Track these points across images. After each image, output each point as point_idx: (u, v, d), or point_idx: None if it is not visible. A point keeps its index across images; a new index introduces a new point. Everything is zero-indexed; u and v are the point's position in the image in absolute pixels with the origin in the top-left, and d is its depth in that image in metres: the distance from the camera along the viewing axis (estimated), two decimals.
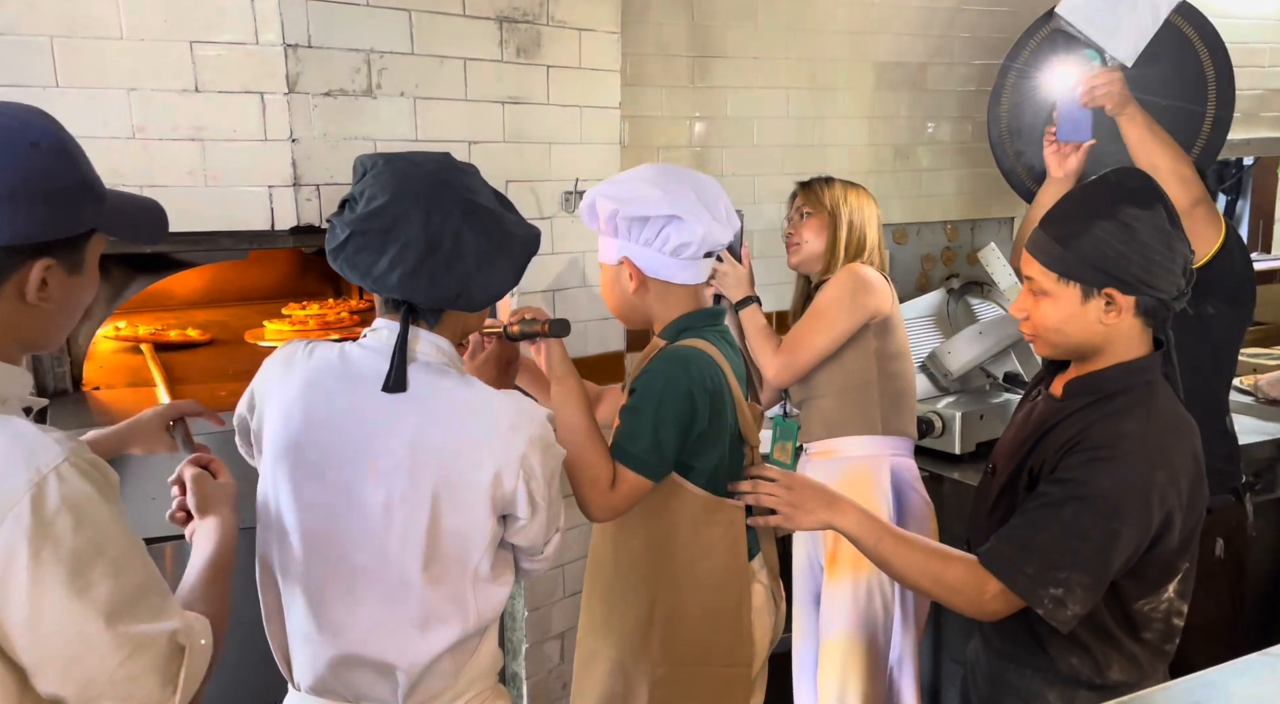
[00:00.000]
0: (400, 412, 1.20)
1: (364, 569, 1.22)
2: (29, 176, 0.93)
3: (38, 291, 0.95)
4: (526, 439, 1.20)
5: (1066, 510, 1.29)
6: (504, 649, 2.58)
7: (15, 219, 0.92)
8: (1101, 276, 1.32)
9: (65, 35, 1.72)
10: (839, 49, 3.14)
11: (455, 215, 1.17)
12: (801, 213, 2.29)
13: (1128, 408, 1.35)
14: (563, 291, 2.45)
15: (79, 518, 0.89)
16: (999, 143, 2.96)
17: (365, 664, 1.24)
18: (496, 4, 2.18)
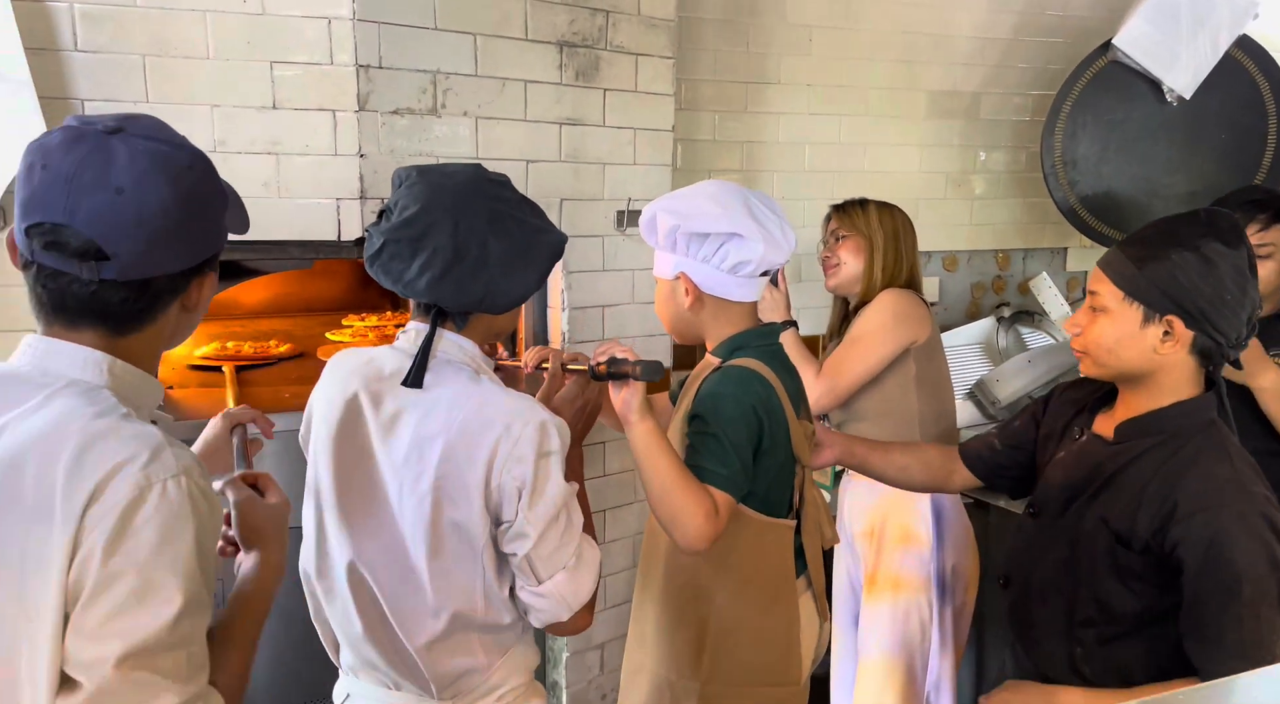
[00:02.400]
0: (413, 407, 1.25)
1: (385, 560, 1.27)
2: (196, 201, 0.96)
3: (198, 302, 1.01)
4: (520, 439, 1.21)
5: (1242, 595, 1.25)
6: (545, 658, 2.62)
7: (191, 245, 0.97)
8: (1168, 303, 1.31)
9: (156, 54, 1.84)
10: (891, 77, 3.17)
11: (481, 224, 1.23)
12: (837, 235, 2.29)
13: (1202, 455, 1.32)
14: (613, 307, 2.51)
15: (163, 538, 0.88)
16: (1052, 173, 2.96)
17: (396, 652, 1.29)
18: (558, 29, 2.27)
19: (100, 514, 0.87)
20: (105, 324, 0.96)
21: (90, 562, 0.86)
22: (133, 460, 0.88)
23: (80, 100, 1.81)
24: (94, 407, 0.92)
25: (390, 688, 1.32)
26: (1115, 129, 2.89)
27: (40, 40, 1.76)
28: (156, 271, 0.94)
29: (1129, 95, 2.86)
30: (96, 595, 0.87)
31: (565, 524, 1.24)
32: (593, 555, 1.29)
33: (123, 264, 0.92)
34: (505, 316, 1.35)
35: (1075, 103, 2.89)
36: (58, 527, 0.87)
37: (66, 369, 0.95)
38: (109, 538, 0.86)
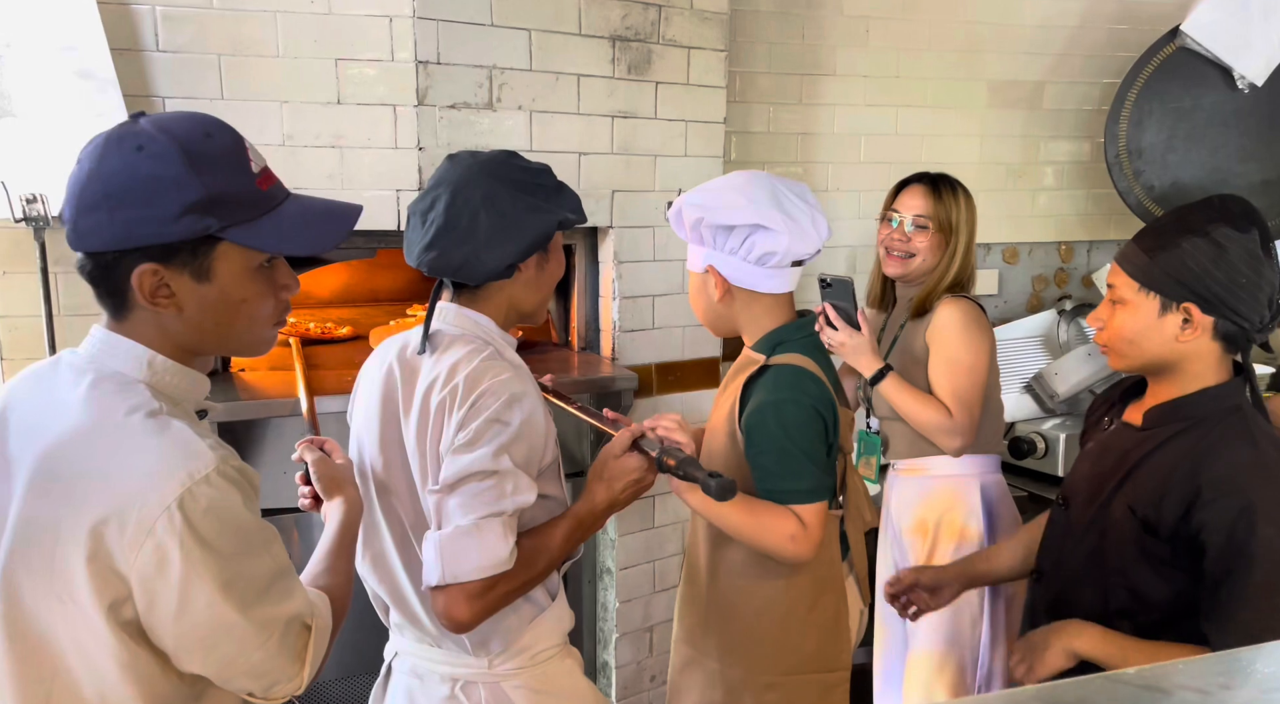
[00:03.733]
0: (430, 377, 1.33)
1: (419, 521, 1.35)
2: (130, 177, 0.95)
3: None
4: (486, 404, 1.26)
5: (1257, 575, 1.25)
6: (595, 639, 2.68)
7: (126, 223, 0.95)
8: (1182, 291, 1.31)
9: (230, 54, 1.96)
10: (951, 68, 3.14)
11: (476, 198, 1.30)
12: (919, 222, 2.10)
13: (1228, 438, 1.31)
14: (663, 297, 2.56)
15: (223, 521, 0.93)
16: (1116, 163, 2.90)
17: (430, 606, 1.36)
18: (611, 24, 2.32)
19: (143, 523, 0.90)
20: (102, 303, 1.01)
21: (166, 568, 0.91)
22: (170, 466, 0.93)
23: (161, 98, 1.93)
24: (126, 402, 0.96)
25: (432, 645, 1.39)
26: (1183, 117, 2.81)
27: (125, 41, 1.88)
28: (86, 246, 0.97)
29: (1198, 82, 2.78)
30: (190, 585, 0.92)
31: (482, 489, 1.24)
32: (497, 547, 1.24)
33: (68, 233, 0.97)
34: (527, 295, 1.39)
35: (1141, 91, 2.82)
36: (78, 535, 0.91)
37: (110, 360, 0.99)
38: (181, 546, 0.91)
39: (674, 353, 2.59)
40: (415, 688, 1.41)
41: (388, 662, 1.49)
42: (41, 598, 0.93)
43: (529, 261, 1.36)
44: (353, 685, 2.28)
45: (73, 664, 0.94)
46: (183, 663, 0.96)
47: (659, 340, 2.56)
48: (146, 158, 0.95)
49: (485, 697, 1.36)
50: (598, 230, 2.49)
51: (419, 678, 1.41)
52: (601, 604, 2.65)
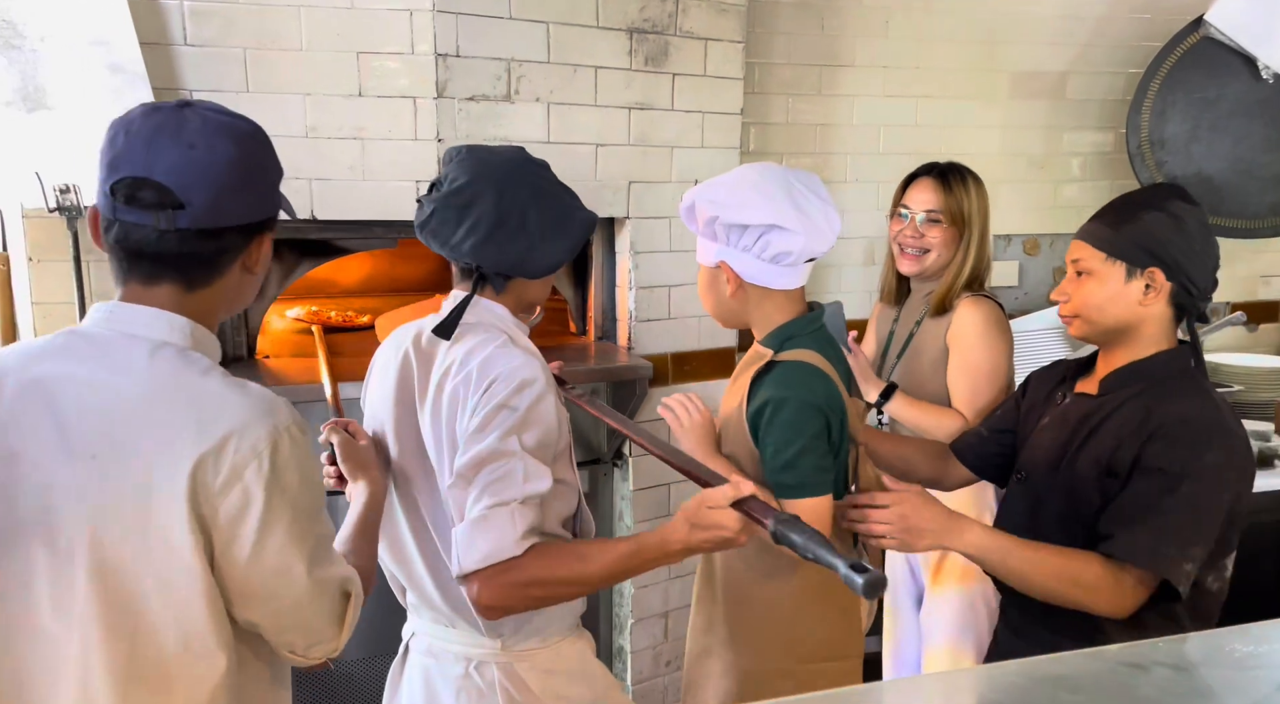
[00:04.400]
0: (446, 363, 1.36)
1: (434, 504, 1.39)
2: (255, 162, 1.07)
3: (258, 264, 1.10)
4: (498, 391, 1.29)
5: (1183, 491, 1.35)
6: (611, 623, 2.72)
7: (254, 200, 1.06)
8: (1147, 257, 1.42)
9: (255, 48, 2.00)
10: (971, 59, 3.13)
11: (524, 195, 1.34)
12: (932, 215, 2.05)
13: (1184, 391, 1.42)
14: (679, 287, 2.58)
15: (303, 473, 1.02)
16: (1138, 154, 2.88)
17: (450, 591, 1.40)
18: (628, 16, 2.34)
19: (236, 467, 0.98)
20: (179, 276, 1.05)
21: (248, 510, 0.99)
22: (257, 417, 1.00)
23: (188, 90, 1.98)
24: (196, 366, 1.03)
25: (447, 625, 1.43)
26: (1207, 108, 2.79)
27: (154, 35, 1.93)
28: (225, 222, 1.04)
29: (1222, 72, 2.75)
30: (266, 530, 1.00)
31: (494, 478, 1.26)
32: (503, 534, 1.25)
33: (195, 212, 1.01)
34: (537, 286, 1.45)
35: (1164, 81, 2.80)
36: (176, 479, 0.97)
37: (147, 331, 1.04)
38: (265, 493, 0.99)
39: (690, 342, 2.62)
40: (431, 667, 1.45)
41: (405, 641, 1.54)
42: (131, 550, 0.98)
43: None
44: (375, 665, 2.33)
45: (158, 614, 1.00)
46: (240, 609, 1.03)
47: (675, 330, 2.59)
48: (263, 145, 1.09)
49: (498, 676, 1.40)
50: (614, 221, 2.52)
51: (434, 657, 1.45)
52: (617, 589, 2.69)
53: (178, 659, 1.01)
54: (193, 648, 1.01)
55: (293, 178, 2.07)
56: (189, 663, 1.01)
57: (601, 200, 2.40)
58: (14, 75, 1.82)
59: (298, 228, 2.17)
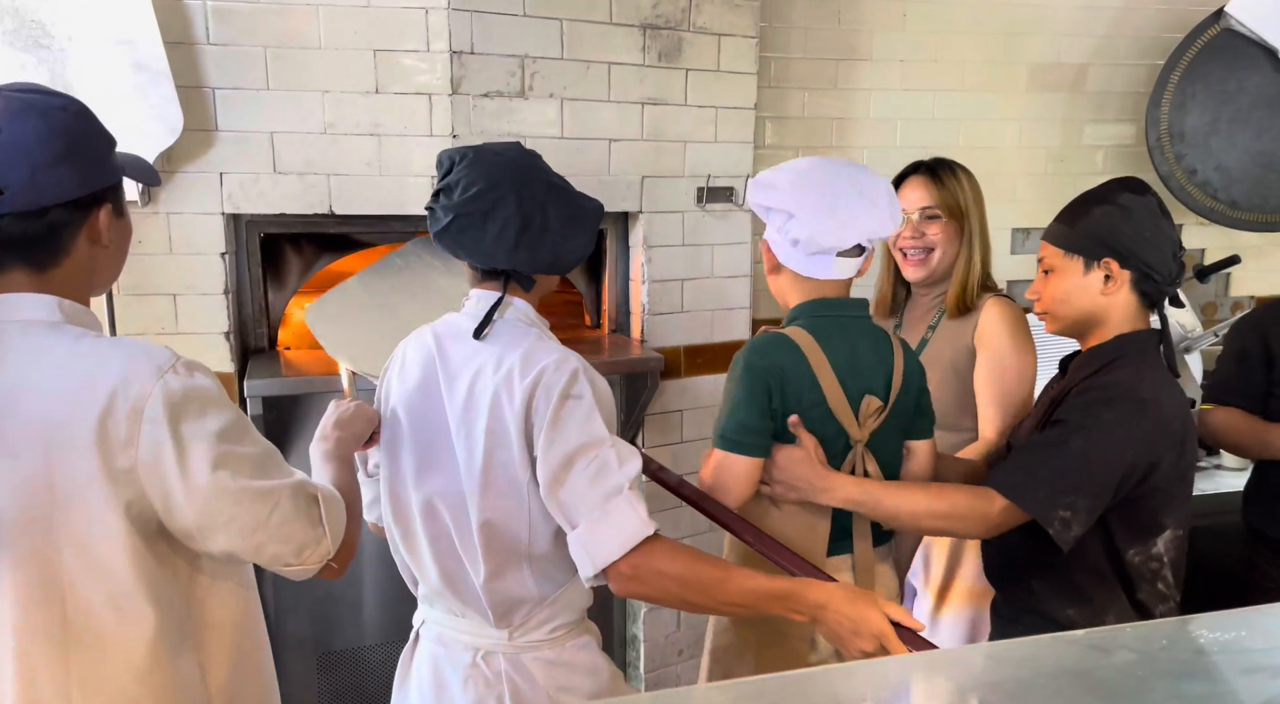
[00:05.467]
0: (475, 361, 1.39)
1: (451, 497, 1.41)
2: (72, 135, 1.05)
3: (106, 235, 1.10)
4: (553, 383, 1.31)
5: (1074, 443, 1.43)
6: (625, 613, 2.76)
7: (75, 174, 1.04)
8: (1101, 249, 1.50)
9: (275, 46, 2.05)
10: (990, 51, 3.11)
11: (540, 194, 1.37)
12: (927, 212, 1.99)
13: (1126, 365, 1.51)
14: (692, 281, 2.61)
15: (203, 400, 1.05)
16: (1157, 146, 2.86)
17: (461, 582, 1.43)
18: (641, 12, 2.37)
19: (133, 416, 1.01)
20: (22, 260, 1.06)
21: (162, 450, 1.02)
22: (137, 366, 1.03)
23: (211, 88, 2.04)
24: (68, 336, 1.04)
25: (456, 615, 1.47)
26: (1227, 100, 2.76)
27: (177, 34, 1.99)
28: (47, 200, 1.03)
29: (1243, 64, 2.72)
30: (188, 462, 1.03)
31: (592, 472, 1.28)
32: (629, 521, 1.26)
33: (13, 194, 1.01)
34: (554, 280, 1.50)
35: (1184, 73, 2.78)
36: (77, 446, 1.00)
37: (13, 314, 1.05)
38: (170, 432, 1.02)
39: (702, 336, 2.65)
40: (440, 655, 1.48)
41: (416, 629, 1.58)
42: (44, 521, 1.01)
43: None
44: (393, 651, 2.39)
45: (82, 579, 1.03)
46: (209, 542, 1.07)
47: (687, 323, 2.62)
48: (77, 115, 1.07)
49: (505, 666, 1.43)
50: (628, 215, 2.55)
51: (444, 646, 1.49)
52: None
53: (109, 620, 1.04)
54: (122, 606, 1.04)
55: (311, 173, 2.14)
56: (121, 622, 1.05)
57: (615, 195, 2.43)
58: (43, 73, 1.88)
59: (317, 222, 2.22)
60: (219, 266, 2.13)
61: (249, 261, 2.25)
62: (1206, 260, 3.27)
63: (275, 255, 2.36)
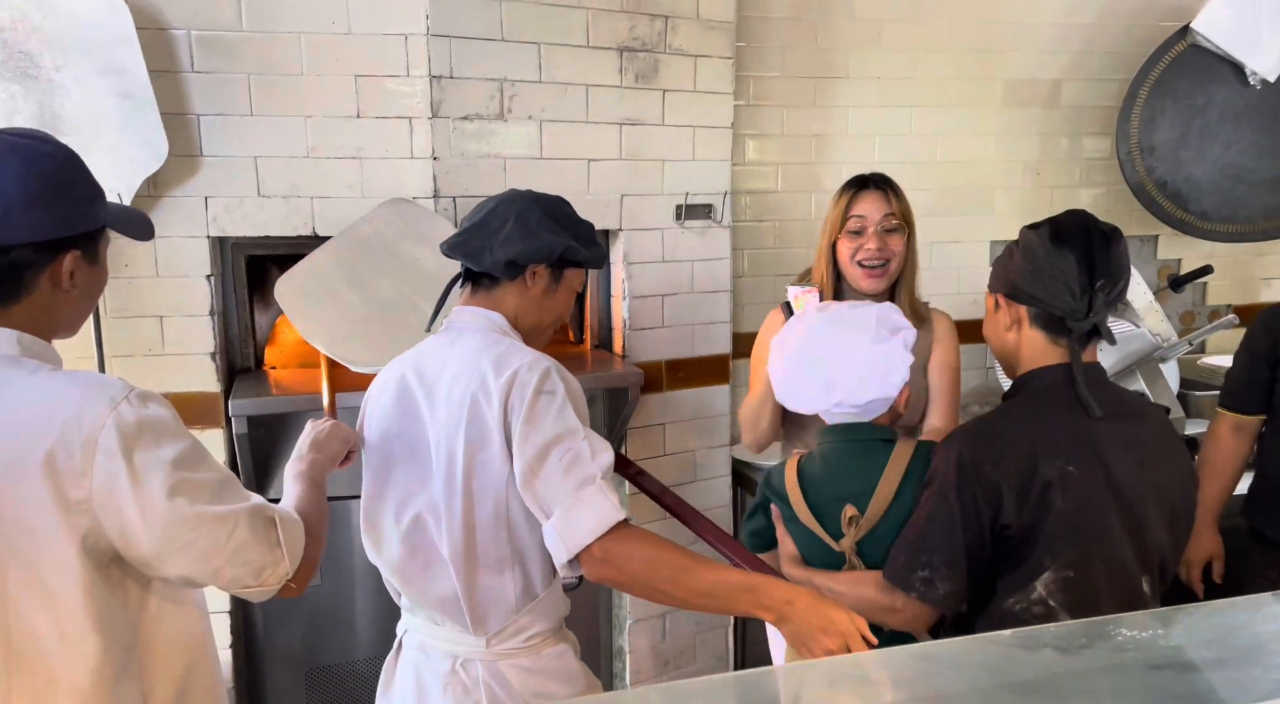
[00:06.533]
0: (449, 370, 1.44)
1: (430, 508, 1.46)
2: (51, 180, 1.08)
3: (68, 280, 1.11)
4: (528, 381, 1.36)
5: (925, 502, 1.46)
6: (611, 624, 2.79)
7: (47, 217, 1.08)
8: (996, 283, 1.54)
9: (258, 73, 2.11)
10: (965, 68, 3.17)
11: (512, 211, 1.48)
12: (889, 224, 1.97)
13: (1007, 404, 1.52)
14: (672, 297, 2.65)
15: (157, 429, 1.07)
16: (1128, 160, 2.92)
17: (440, 591, 1.47)
18: (618, 35, 2.42)
19: (87, 447, 1.03)
20: None
21: (117, 481, 1.04)
22: (92, 398, 1.05)
23: (196, 115, 2.09)
24: (24, 369, 1.07)
25: (436, 624, 1.51)
26: (1196, 114, 2.82)
27: (162, 63, 2.04)
28: (14, 239, 1.06)
29: (1210, 79, 2.78)
30: (143, 491, 1.05)
31: (567, 462, 1.33)
32: (602, 505, 1.31)
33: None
34: (528, 310, 1.52)
35: (1153, 88, 2.84)
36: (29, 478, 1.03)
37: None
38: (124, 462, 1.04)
39: (684, 350, 2.69)
40: (421, 662, 1.53)
41: (399, 638, 1.62)
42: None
43: (538, 280, 1.49)
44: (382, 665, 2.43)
45: (30, 608, 1.05)
46: (167, 568, 1.09)
47: (669, 338, 2.66)
48: (63, 163, 1.11)
49: (482, 673, 1.47)
50: (609, 233, 2.60)
51: (425, 654, 1.53)
52: (615, 591, 2.75)
53: (54, 648, 1.06)
54: (68, 635, 1.06)
55: (295, 196, 2.19)
56: (65, 650, 1.06)
57: (594, 213, 2.48)
58: (31, 103, 1.93)
59: (301, 243, 2.26)
60: (205, 288, 2.18)
61: (235, 283, 2.30)
62: (1183, 270, 3.33)
63: (261, 276, 2.40)
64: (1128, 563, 1.44)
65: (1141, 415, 1.52)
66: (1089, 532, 1.41)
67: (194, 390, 2.19)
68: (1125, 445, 1.46)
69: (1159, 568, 1.48)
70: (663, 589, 1.33)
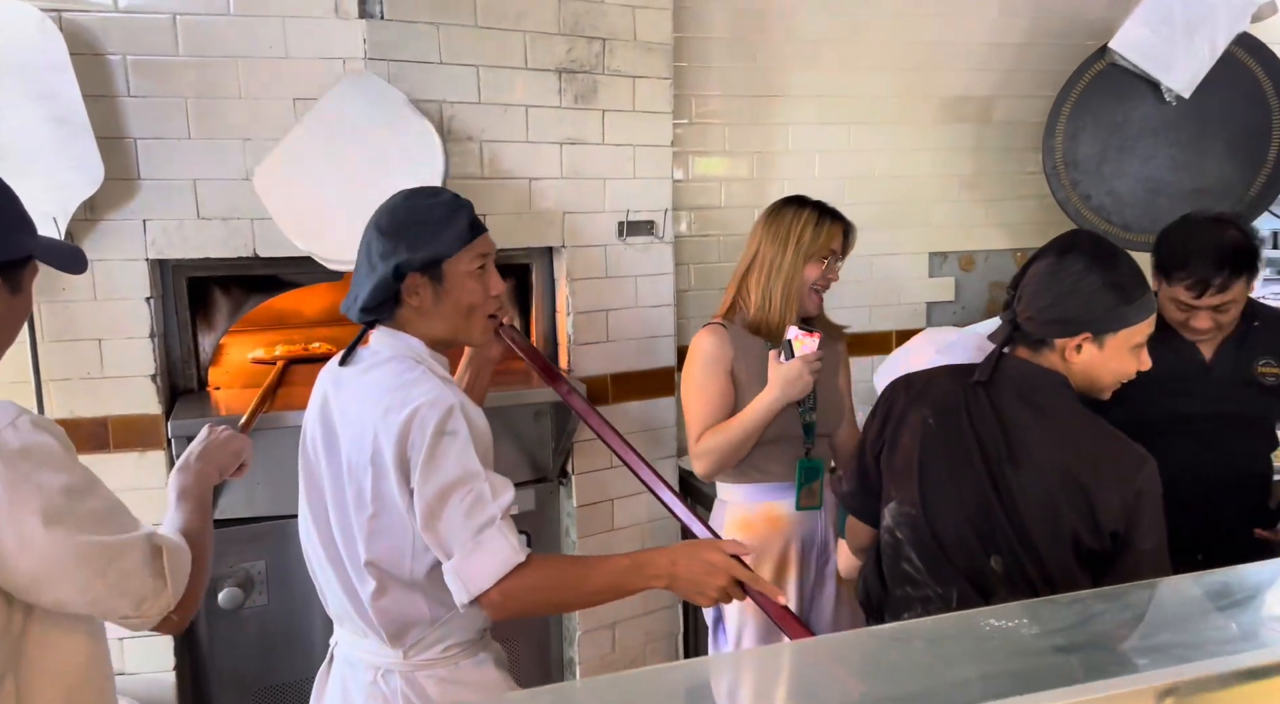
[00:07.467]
0: (358, 393, 1.47)
1: (344, 524, 1.49)
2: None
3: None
4: (427, 418, 1.36)
5: None
6: (561, 635, 2.82)
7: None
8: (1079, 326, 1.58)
9: (195, 97, 2.13)
10: (901, 86, 3.27)
11: (363, 242, 1.51)
12: (840, 256, 2.19)
13: None
14: (616, 311, 2.70)
15: (39, 459, 1.06)
16: (1053, 174, 3.02)
17: (357, 605, 1.50)
18: (556, 57, 2.48)
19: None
20: None
21: None
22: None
23: (133, 139, 2.10)
24: None
25: (360, 636, 1.54)
26: (1115, 130, 2.94)
27: (98, 88, 2.06)
28: None
29: (1128, 96, 2.90)
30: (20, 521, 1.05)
31: (467, 505, 1.35)
32: (502, 550, 1.35)
33: None
34: (431, 324, 1.50)
35: (1075, 105, 2.95)
36: None
37: None
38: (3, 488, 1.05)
39: (629, 364, 2.74)
40: (348, 674, 1.56)
41: (330, 649, 1.65)
42: None
43: (418, 293, 1.48)
44: None
45: None
46: (44, 594, 1.08)
47: (613, 352, 2.71)
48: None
49: (400, 684, 1.50)
50: (552, 250, 2.64)
51: (350, 665, 1.56)
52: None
53: None
54: None
55: (235, 218, 2.21)
56: None
57: (537, 231, 2.52)
58: None
59: (243, 264, 2.28)
60: (144, 311, 2.18)
61: (176, 305, 2.30)
62: None
63: (204, 297, 2.41)
64: (966, 537, 1.51)
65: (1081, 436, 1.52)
66: (928, 480, 1.55)
67: (134, 413, 2.19)
68: (1033, 445, 1.50)
69: (1016, 555, 1.49)
70: (568, 602, 1.43)
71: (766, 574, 2.15)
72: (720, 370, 2.11)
